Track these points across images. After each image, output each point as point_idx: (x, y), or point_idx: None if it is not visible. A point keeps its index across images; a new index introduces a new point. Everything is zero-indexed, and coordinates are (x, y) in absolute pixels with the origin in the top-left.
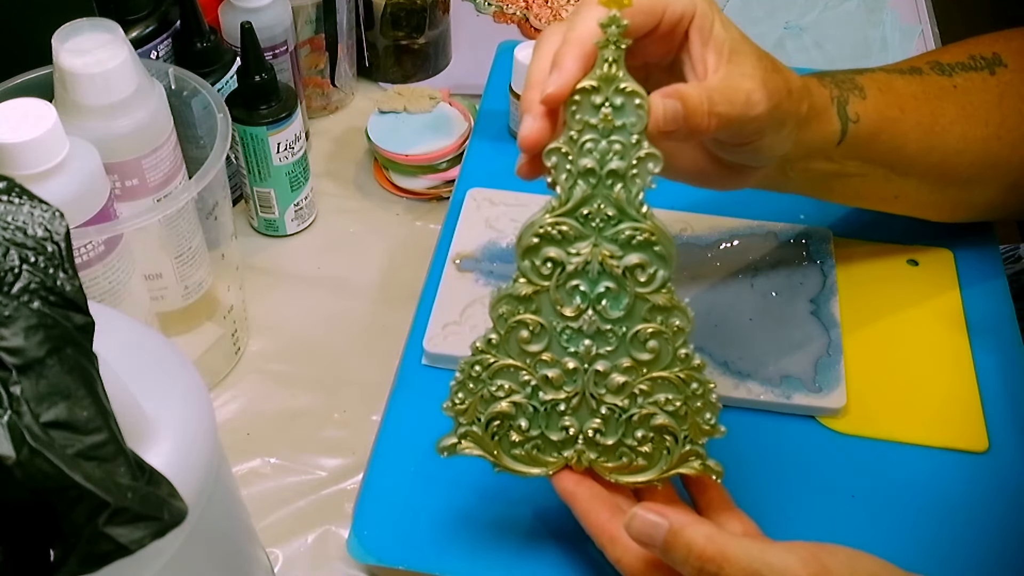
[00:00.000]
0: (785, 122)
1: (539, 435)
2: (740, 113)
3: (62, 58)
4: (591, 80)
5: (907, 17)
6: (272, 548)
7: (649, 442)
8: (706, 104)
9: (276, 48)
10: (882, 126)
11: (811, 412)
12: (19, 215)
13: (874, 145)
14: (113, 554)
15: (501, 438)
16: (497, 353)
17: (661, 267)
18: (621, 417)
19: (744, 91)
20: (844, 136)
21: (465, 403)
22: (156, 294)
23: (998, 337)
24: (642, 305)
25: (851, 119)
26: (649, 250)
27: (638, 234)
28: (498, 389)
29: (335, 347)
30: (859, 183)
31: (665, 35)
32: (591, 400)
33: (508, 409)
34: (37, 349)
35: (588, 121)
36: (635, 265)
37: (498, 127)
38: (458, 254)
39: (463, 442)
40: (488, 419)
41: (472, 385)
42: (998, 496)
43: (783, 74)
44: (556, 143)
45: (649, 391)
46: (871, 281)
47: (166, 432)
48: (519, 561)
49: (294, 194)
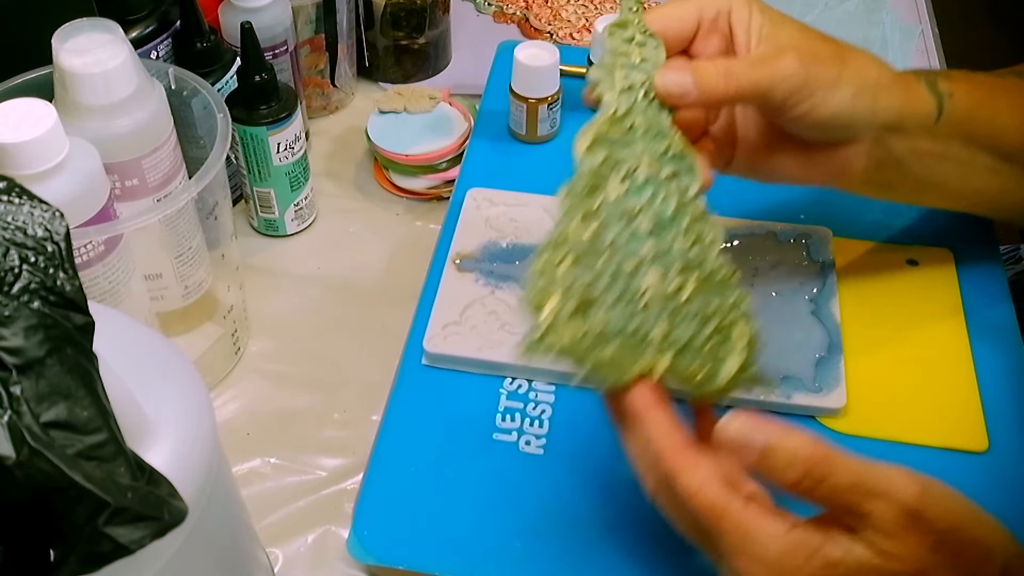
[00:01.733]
0: (841, 82)
1: (619, 332)
2: (768, 77)
3: (62, 58)
4: (619, 19)
5: (907, 17)
6: (272, 548)
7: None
8: (723, 72)
9: (276, 48)
10: (977, 106)
11: (811, 412)
12: (19, 215)
13: (974, 125)
14: (113, 554)
15: (582, 339)
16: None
17: (692, 180)
18: (687, 315)
19: (773, 56)
20: (941, 112)
21: (546, 292)
22: (156, 294)
23: (998, 337)
24: (683, 212)
25: (945, 93)
26: (682, 163)
27: (672, 148)
28: (577, 278)
29: (335, 347)
30: (970, 174)
31: (709, 34)
32: (658, 300)
33: (591, 296)
34: (37, 349)
35: (622, 50)
36: (673, 174)
37: (498, 127)
38: (458, 254)
39: (547, 338)
40: (571, 310)
41: (550, 273)
42: (998, 496)
43: (835, 42)
44: (598, 65)
45: (701, 293)
46: (871, 281)
47: (166, 432)
48: (519, 561)
49: (294, 194)
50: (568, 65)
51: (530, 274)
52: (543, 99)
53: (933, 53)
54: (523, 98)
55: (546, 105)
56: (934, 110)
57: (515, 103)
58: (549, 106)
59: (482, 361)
